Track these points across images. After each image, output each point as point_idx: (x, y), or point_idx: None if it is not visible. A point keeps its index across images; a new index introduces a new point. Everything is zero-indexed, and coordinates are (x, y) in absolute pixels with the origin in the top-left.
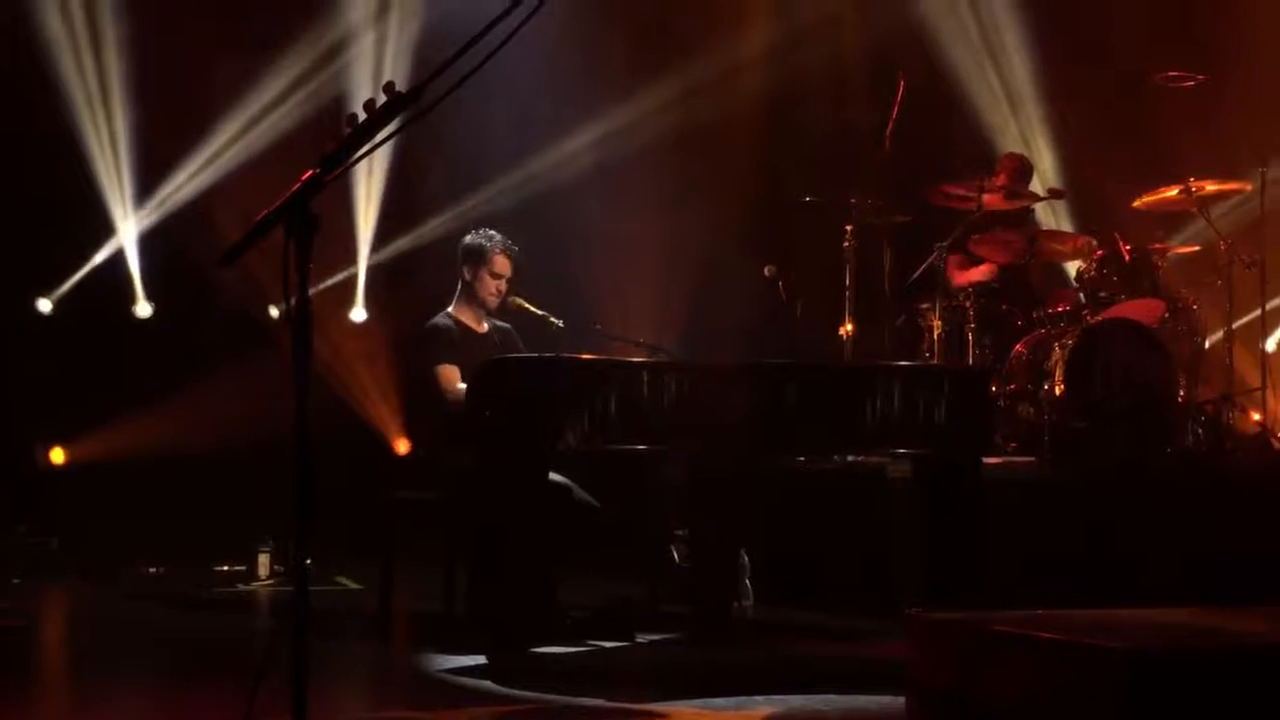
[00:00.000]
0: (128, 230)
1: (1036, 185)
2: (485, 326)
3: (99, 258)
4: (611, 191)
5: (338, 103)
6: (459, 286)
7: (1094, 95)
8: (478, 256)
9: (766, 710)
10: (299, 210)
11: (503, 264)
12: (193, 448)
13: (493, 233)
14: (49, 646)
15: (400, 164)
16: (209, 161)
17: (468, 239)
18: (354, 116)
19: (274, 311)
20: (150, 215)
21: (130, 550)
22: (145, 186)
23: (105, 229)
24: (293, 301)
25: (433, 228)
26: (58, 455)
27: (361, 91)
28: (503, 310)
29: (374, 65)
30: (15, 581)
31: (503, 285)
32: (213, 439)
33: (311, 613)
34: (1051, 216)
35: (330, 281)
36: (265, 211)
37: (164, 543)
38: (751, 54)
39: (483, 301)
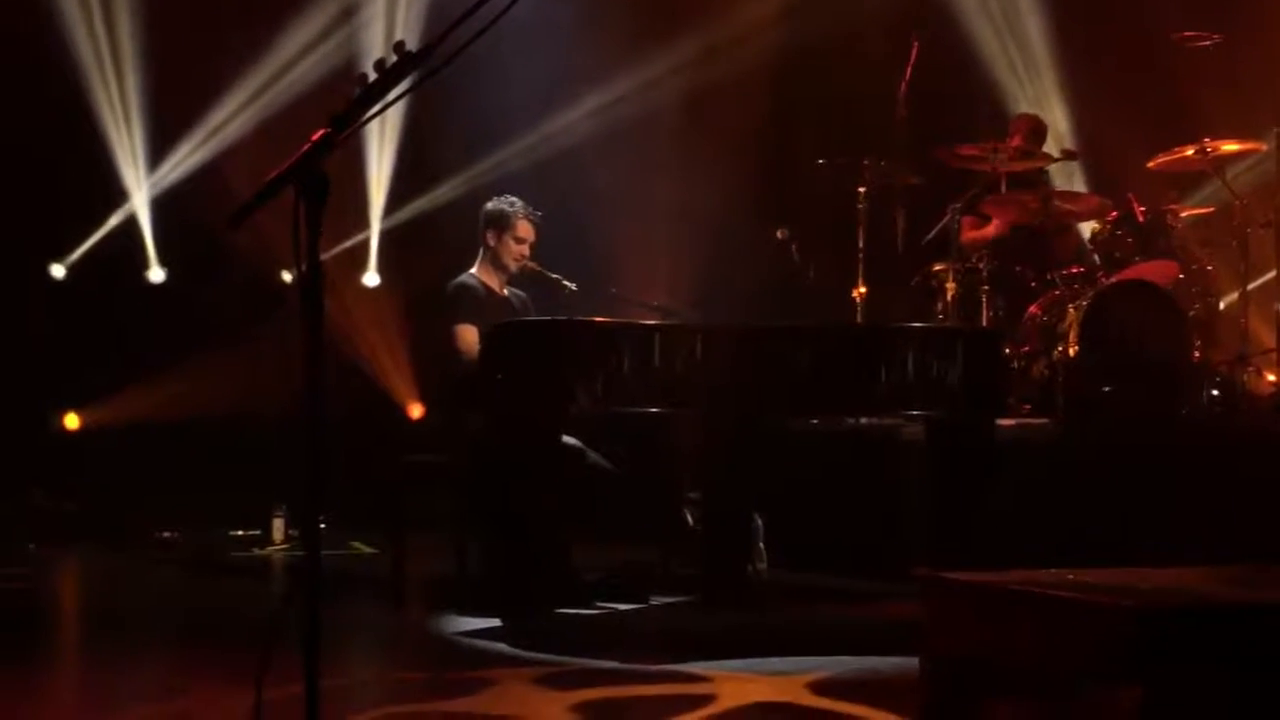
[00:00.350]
0: (141, 196)
1: (1051, 146)
2: (505, 292)
3: (112, 223)
4: (625, 154)
5: (350, 64)
6: (480, 252)
7: (1110, 54)
8: (502, 222)
9: (816, 675)
10: (310, 171)
11: (526, 229)
12: (207, 413)
13: (515, 199)
14: (63, 612)
15: (413, 127)
16: (221, 125)
17: (490, 205)
18: (364, 76)
19: (287, 276)
20: (163, 180)
21: (145, 515)
22: (158, 151)
23: (118, 194)
24: (304, 265)
25: (446, 191)
26: (72, 420)
27: (374, 51)
28: (517, 275)
29: (386, 25)
30: (30, 547)
31: (525, 250)
32: (227, 404)
33: (323, 575)
34: (1064, 178)
35: (343, 246)
36: (275, 172)
37: (178, 508)
38: (765, 15)
39: (505, 266)
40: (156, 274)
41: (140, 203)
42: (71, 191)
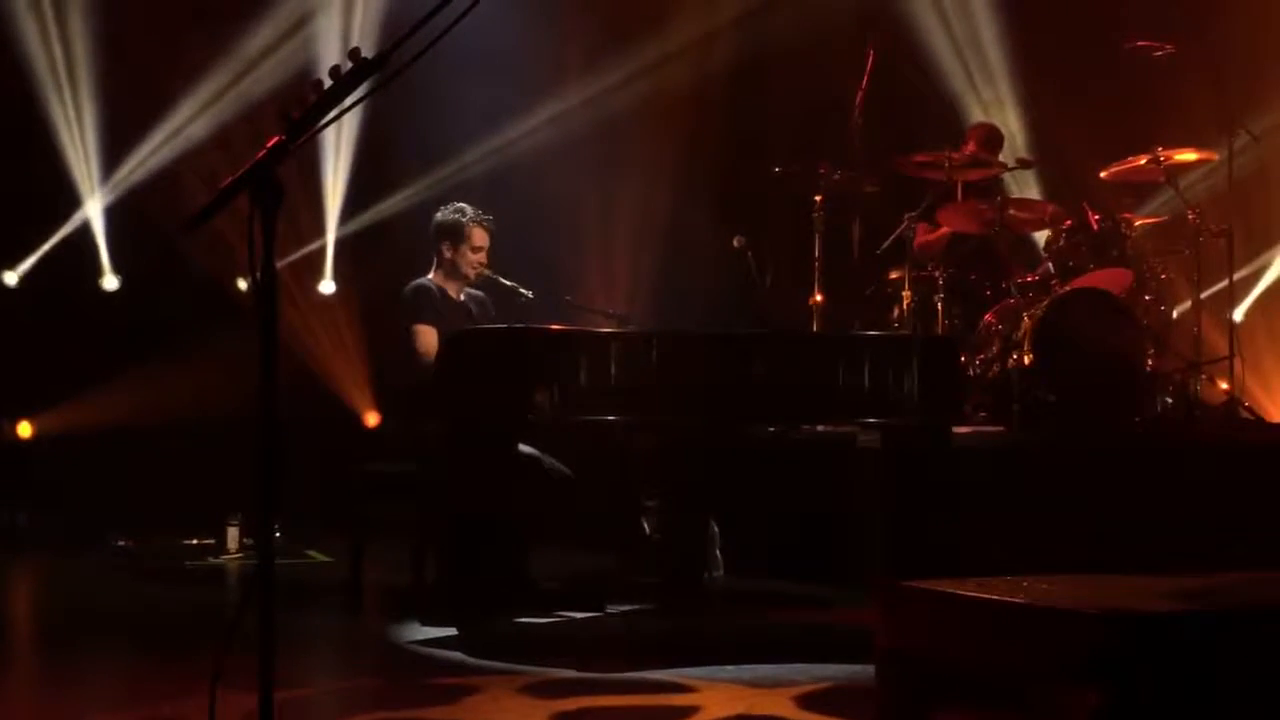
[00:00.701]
0: (94, 203)
1: (1006, 154)
2: (463, 296)
3: (65, 230)
4: (580, 162)
5: (306, 70)
6: (434, 261)
7: (1065, 63)
8: (455, 232)
9: (778, 682)
10: (264, 178)
11: (481, 236)
12: (161, 421)
13: (465, 206)
14: (17, 620)
15: (369, 134)
16: (176, 132)
17: (440, 215)
18: (319, 83)
19: (242, 284)
20: (116, 187)
21: (99, 523)
22: (111, 158)
23: (71, 201)
24: (258, 272)
25: (402, 199)
26: (25, 429)
27: (330, 58)
28: (475, 281)
29: (343, 31)
30: None
31: (483, 257)
32: (182, 412)
33: (278, 583)
34: (1019, 186)
35: (299, 254)
36: (229, 179)
37: (133, 516)
38: (721, 23)
39: (464, 275)
40: (110, 281)
41: (94, 210)
42: (24, 198)
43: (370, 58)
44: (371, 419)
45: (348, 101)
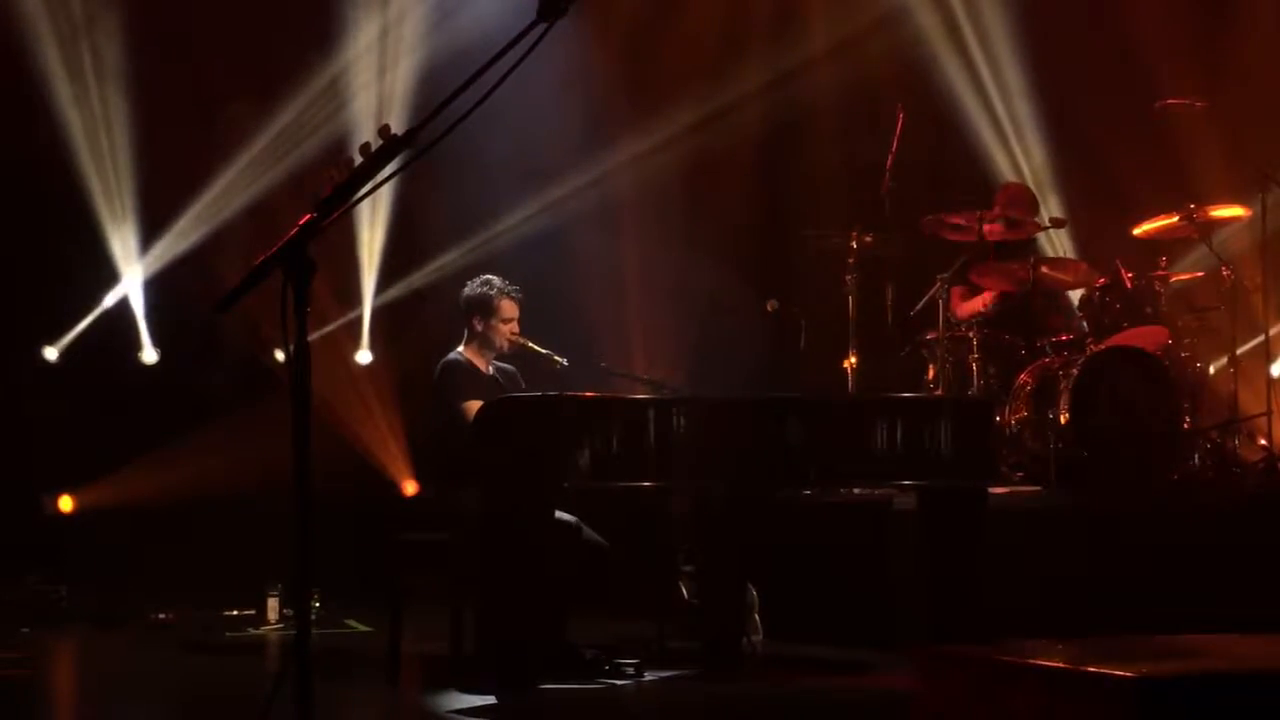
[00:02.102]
0: (133, 277)
1: (1040, 214)
2: (490, 369)
3: (105, 305)
4: (614, 228)
5: (340, 145)
6: (465, 334)
7: (1096, 121)
8: (485, 306)
9: None
10: (296, 254)
11: (510, 308)
12: (201, 493)
13: (492, 278)
14: (58, 695)
15: (403, 204)
16: (212, 208)
17: (468, 289)
18: (350, 160)
19: (279, 355)
20: (155, 262)
21: (139, 597)
22: (150, 233)
23: (110, 277)
24: (291, 346)
25: (436, 267)
26: (66, 503)
27: (365, 130)
28: (507, 350)
29: (377, 105)
30: (24, 630)
31: (515, 328)
32: (220, 484)
33: (317, 653)
34: (1053, 245)
35: (336, 324)
36: (262, 256)
37: (173, 589)
38: (751, 89)
39: (497, 348)
40: (149, 355)
41: (133, 285)
42: (64, 275)
43: (400, 134)
44: (409, 488)
45: (378, 178)
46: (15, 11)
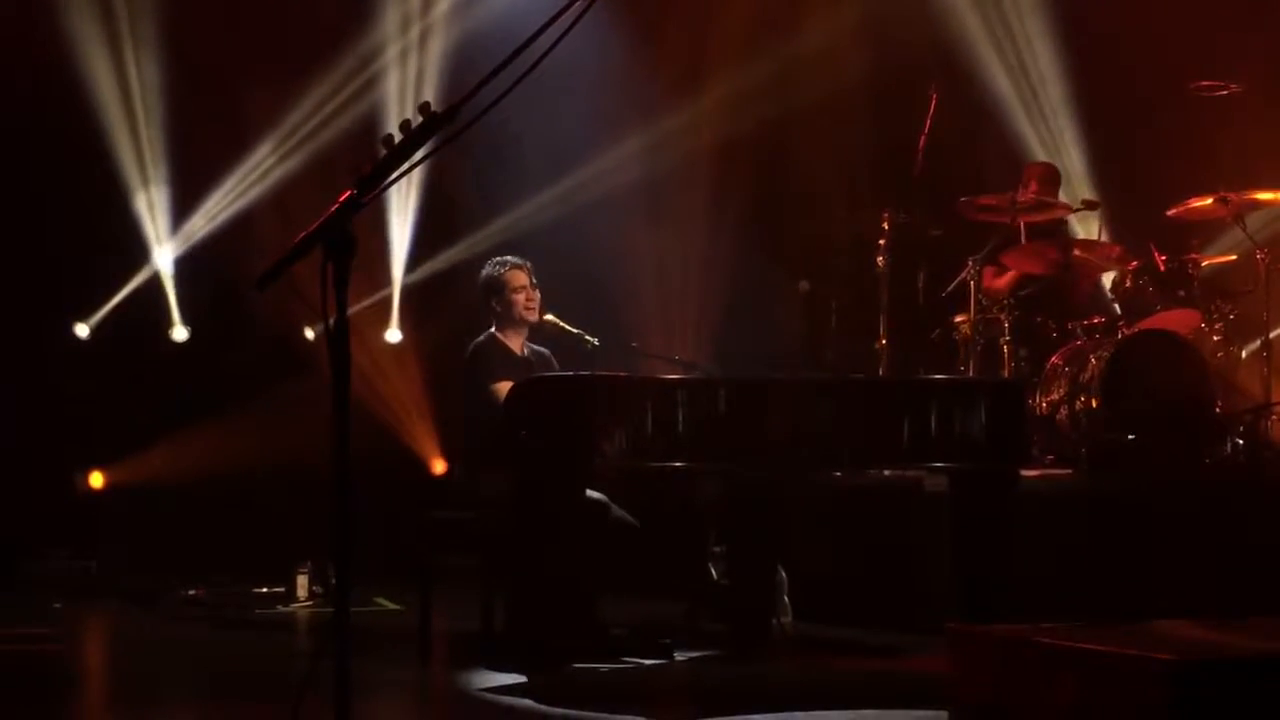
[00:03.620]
0: (164, 255)
1: (1071, 195)
2: (525, 351)
3: (136, 282)
4: (646, 208)
5: (375, 122)
6: (493, 319)
7: (1129, 103)
8: (495, 285)
9: None
10: (337, 232)
11: (516, 276)
12: (230, 470)
13: (495, 259)
14: (90, 671)
15: (435, 182)
16: (244, 185)
17: (481, 276)
18: (390, 137)
19: (309, 333)
20: (186, 239)
21: (169, 573)
22: (181, 211)
23: (141, 253)
24: (331, 322)
25: (468, 245)
26: (97, 479)
27: (398, 108)
28: (539, 330)
29: (413, 82)
30: (56, 605)
31: (531, 293)
32: (250, 462)
33: (351, 633)
34: (1084, 227)
35: (365, 303)
36: (303, 234)
37: (203, 565)
38: (784, 70)
39: (521, 319)
40: (180, 333)
41: (164, 261)
42: (96, 251)
43: (439, 111)
44: (439, 467)
45: (417, 156)
46: None
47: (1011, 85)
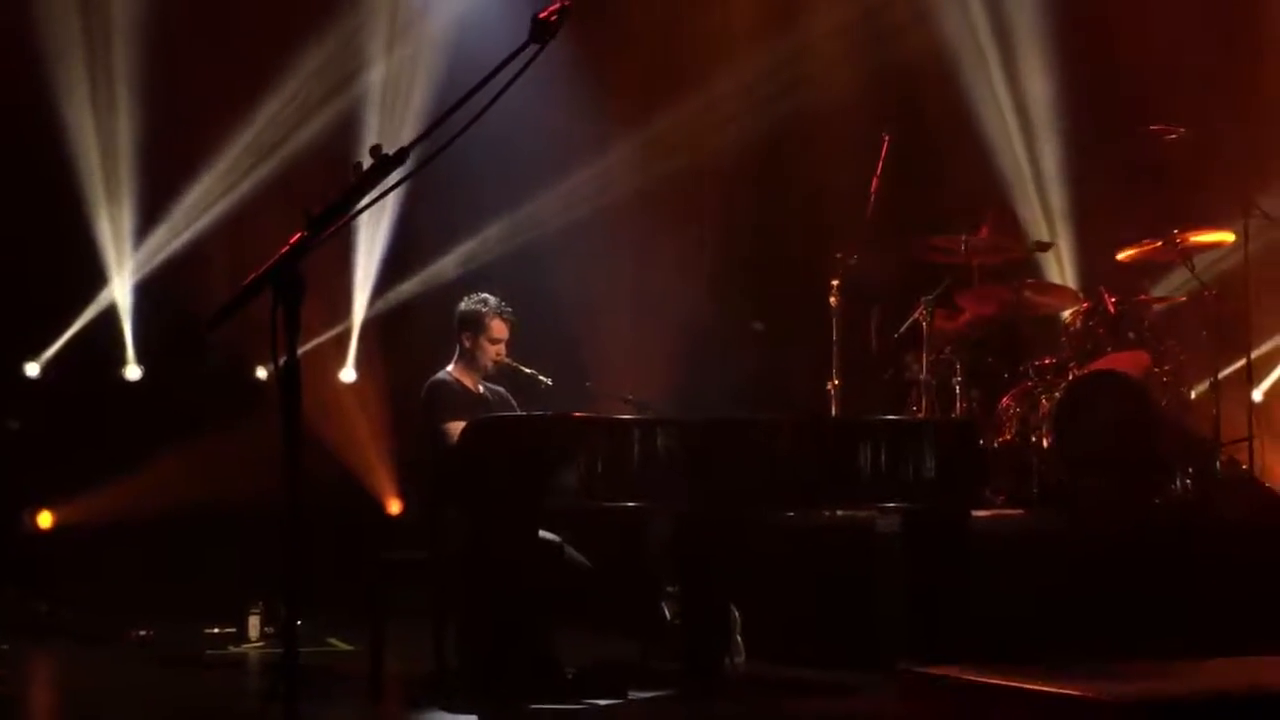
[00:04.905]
0: (121, 283)
1: (1026, 237)
2: (481, 389)
3: (89, 316)
4: (598, 249)
5: (335, 158)
6: (456, 351)
7: (1079, 147)
8: (475, 323)
9: None
10: (286, 274)
11: (500, 328)
12: (181, 510)
13: (488, 297)
14: (38, 713)
15: (400, 220)
16: (195, 212)
17: (463, 305)
18: (358, 166)
19: (261, 373)
20: (142, 268)
21: (119, 613)
22: (142, 233)
23: (94, 288)
24: (281, 363)
25: (416, 285)
26: (45, 519)
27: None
28: (493, 371)
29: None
30: (3, 647)
31: (501, 350)
32: (202, 501)
33: (301, 672)
34: (1036, 269)
35: (321, 339)
36: (252, 275)
37: (153, 605)
38: (737, 110)
39: (482, 367)
40: (133, 371)
41: (121, 292)
42: (45, 288)
43: (390, 154)
44: (394, 506)
45: (370, 197)
46: None
47: (967, 128)
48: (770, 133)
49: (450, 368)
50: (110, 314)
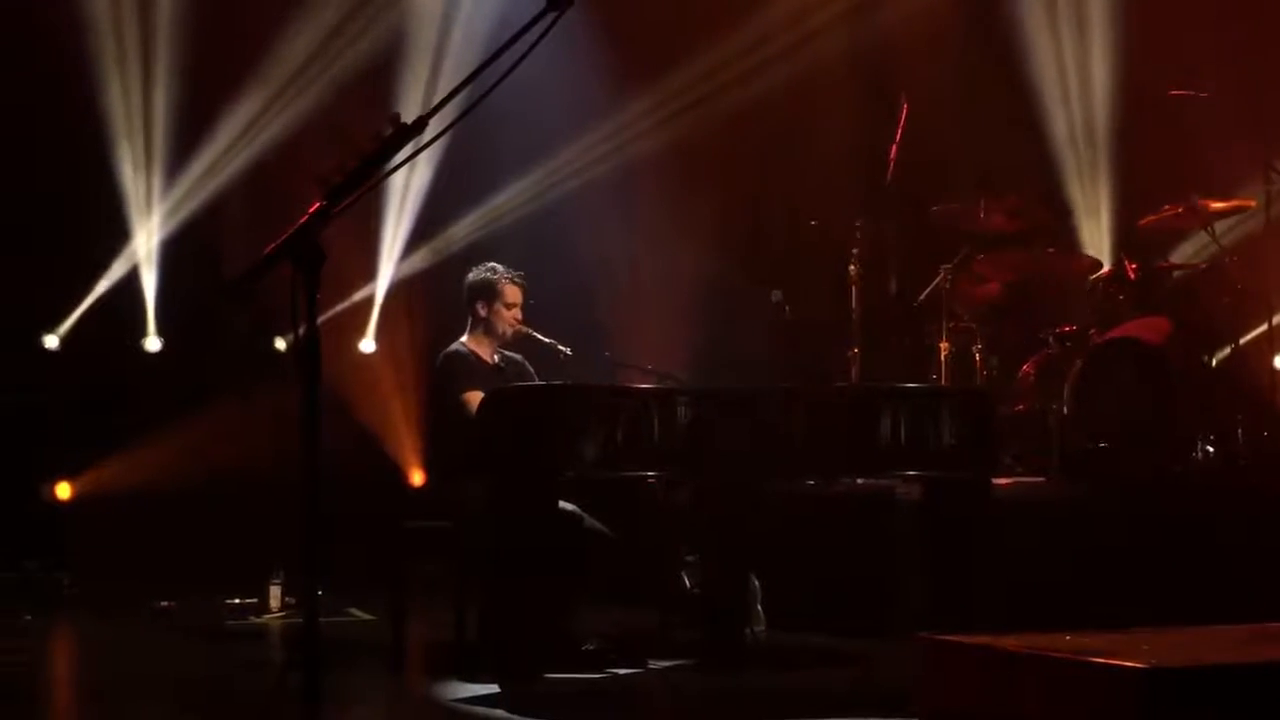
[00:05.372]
0: (147, 251)
1: (1047, 204)
2: (496, 359)
3: (100, 289)
4: (618, 217)
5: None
6: (469, 322)
7: (1105, 111)
8: (489, 291)
9: None
10: (306, 243)
11: (514, 293)
12: (202, 481)
13: (495, 265)
14: (59, 684)
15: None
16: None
17: (472, 276)
18: (367, 142)
19: (280, 344)
20: (166, 220)
21: (140, 584)
22: (163, 203)
23: (111, 257)
24: (301, 333)
25: (433, 249)
26: (64, 490)
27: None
28: (511, 340)
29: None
30: (25, 618)
31: (518, 314)
32: (222, 472)
33: (321, 642)
34: (1057, 236)
35: (342, 306)
36: (271, 246)
37: (174, 576)
38: (754, 74)
39: (500, 333)
40: (153, 343)
41: (143, 269)
42: (70, 260)
43: (408, 122)
44: (417, 477)
45: (389, 166)
46: None
47: (988, 93)
48: (790, 101)
49: (465, 339)
50: (131, 284)
